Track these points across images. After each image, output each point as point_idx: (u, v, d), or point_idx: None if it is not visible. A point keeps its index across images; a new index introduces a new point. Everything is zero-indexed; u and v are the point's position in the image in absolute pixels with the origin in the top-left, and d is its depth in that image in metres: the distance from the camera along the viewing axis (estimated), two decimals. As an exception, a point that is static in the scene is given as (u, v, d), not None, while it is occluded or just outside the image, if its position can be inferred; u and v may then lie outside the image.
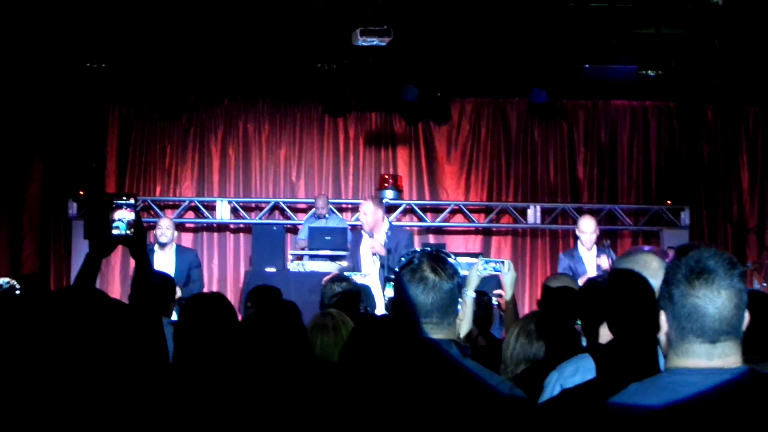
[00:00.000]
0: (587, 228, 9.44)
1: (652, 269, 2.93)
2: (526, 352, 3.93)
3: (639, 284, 2.90)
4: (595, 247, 9.43)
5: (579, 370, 3.01)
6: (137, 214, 3.85)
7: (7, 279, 8.13)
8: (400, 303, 2.88)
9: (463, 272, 3.12)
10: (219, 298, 3.67)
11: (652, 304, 2.41)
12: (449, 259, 2.94)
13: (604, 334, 3.10)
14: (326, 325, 4.35)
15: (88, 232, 3.84)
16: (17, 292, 8.04)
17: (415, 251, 2.96)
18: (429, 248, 3.15)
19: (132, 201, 3.82)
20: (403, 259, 2.96)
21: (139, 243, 3.91)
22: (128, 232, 3.78)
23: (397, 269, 2.96)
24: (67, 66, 12.16)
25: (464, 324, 4.44)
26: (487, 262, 5.36)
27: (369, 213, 8.95)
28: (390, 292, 5.38)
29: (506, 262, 5.36)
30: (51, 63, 12.09)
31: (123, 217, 3.80)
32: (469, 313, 4.82)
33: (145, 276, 4.10)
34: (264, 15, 10.33)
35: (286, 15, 10.30)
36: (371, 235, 8.95)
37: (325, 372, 3.78)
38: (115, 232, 3.78)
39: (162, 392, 3.06)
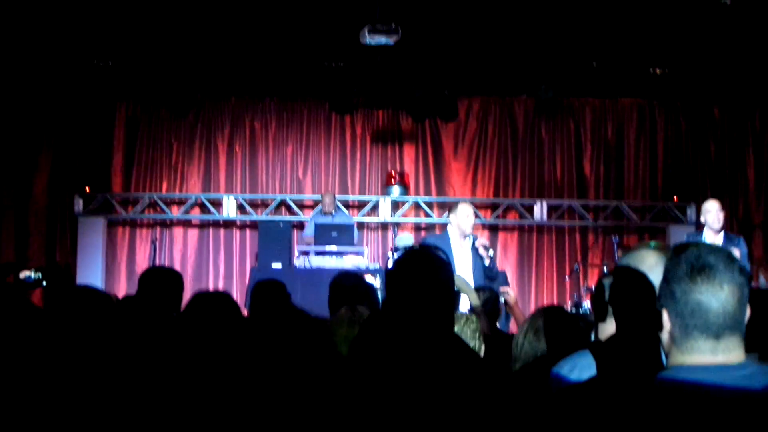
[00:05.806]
0: (711, 207, 8.95)
1: (647, 265, 2.94)
2: (534, 348, 3.95)
3: (638, 280, 2.90)
4: (722, 234, 8.94)
5: (576, 367, 3.01)
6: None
7: (29, 273, 8.31)
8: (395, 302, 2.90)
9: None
10: (224, 297, 3.57)
11: (651, 300, 2.41)
12: (441, 254, 2.95)
13: (606, 331, 3.09)
14: (352, 320, 4.25)
15: None
16: (44, 284, 8.23)
17: (400, 249, 2.98)
18: (418, 245, 3.14)
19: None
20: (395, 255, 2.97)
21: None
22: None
23: (390, 267, 2.95)
24: (75, 64, 12.20)
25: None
26: None
27: (472, 216, 8.59)
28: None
29: None
30: (59, 61, 12.12)
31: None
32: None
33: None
34: (272, 13, 10.34)
35: (293, 13, 10.31)
36: (475, 237, 8.58)
37: (335, 366, 3.76)
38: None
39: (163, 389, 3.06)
